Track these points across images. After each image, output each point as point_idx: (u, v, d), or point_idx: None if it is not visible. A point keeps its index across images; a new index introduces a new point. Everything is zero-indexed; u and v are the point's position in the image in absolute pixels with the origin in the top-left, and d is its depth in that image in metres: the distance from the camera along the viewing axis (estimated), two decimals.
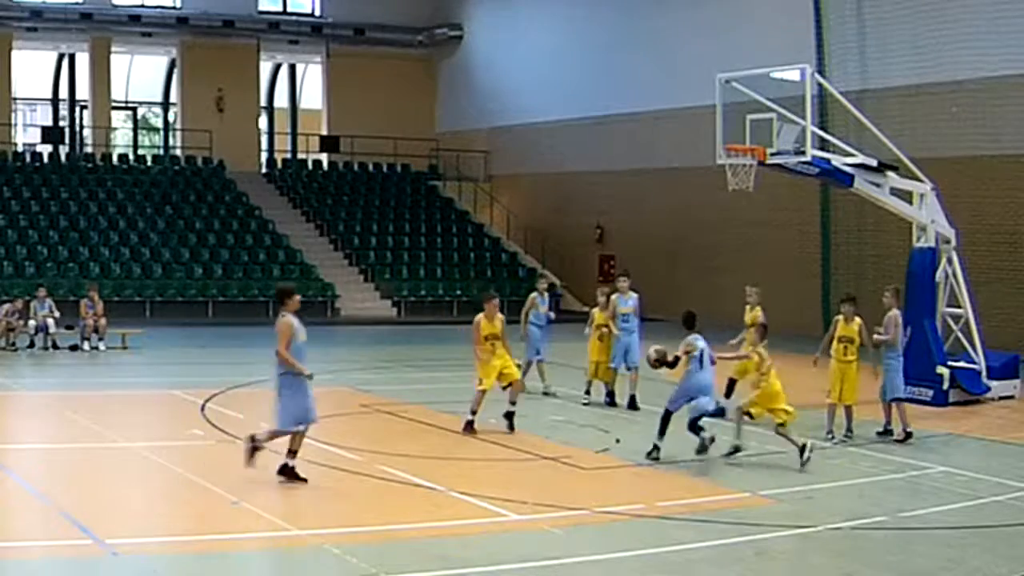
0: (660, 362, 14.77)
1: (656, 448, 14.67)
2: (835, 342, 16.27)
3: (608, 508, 12.04)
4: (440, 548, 10.54)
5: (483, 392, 16.25)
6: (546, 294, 20.92)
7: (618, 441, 15.77)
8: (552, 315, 20.87)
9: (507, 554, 10.41)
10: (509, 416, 16.39)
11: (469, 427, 16.19)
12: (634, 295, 18.98)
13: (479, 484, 13.08)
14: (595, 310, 19.14)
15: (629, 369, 18.64)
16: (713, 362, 14.77)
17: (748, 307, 19.55)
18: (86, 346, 25.87)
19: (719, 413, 14.99)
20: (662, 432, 14.65)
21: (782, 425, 14.58)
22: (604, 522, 11.65)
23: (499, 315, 16.70)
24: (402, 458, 14.37)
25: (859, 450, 15.50)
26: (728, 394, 17.85)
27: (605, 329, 18.75)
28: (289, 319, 13.57)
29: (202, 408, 17.77)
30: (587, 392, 19.22)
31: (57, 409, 18.55)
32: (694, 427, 14.59)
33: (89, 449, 15.13)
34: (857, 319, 16.24)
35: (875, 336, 16.37)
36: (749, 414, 14.82)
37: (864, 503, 12.67)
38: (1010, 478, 13.86)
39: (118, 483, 13.35)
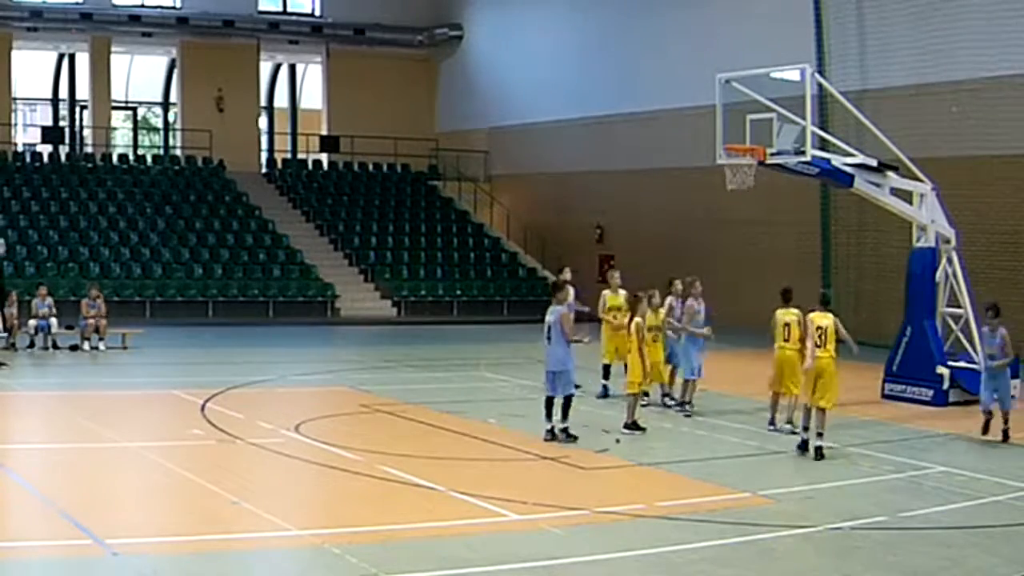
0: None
1: (550, 431, 15.63)
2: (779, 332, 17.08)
3: (608, 508, 12.04)
4: (440, 548, 10.54)
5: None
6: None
7: (618, 441, 15.78)
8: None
9: (507, 554, 10.41)
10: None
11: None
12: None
13: (479, 484, 13.08)
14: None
15: None
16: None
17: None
18: (86, 346, 25.86)
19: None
20: (548, 415, 15.66)
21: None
22: (604, 522, 11.65)
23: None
24: (402, 458, 14.37)
25: (859, 450, 15.50)
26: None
27: (656, 331, 17.72)
28: None
29: (202, 408, 17.78)
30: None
31: (57, 409, 18.57)
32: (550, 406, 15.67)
33: (89, 449, 15.13)
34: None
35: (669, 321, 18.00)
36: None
37: (864, 503, 12.67)
38: (1010, 478, 13.86)
39: (118, 483, 13.35)
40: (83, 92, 42.95)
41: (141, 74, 45.85)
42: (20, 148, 42.46)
